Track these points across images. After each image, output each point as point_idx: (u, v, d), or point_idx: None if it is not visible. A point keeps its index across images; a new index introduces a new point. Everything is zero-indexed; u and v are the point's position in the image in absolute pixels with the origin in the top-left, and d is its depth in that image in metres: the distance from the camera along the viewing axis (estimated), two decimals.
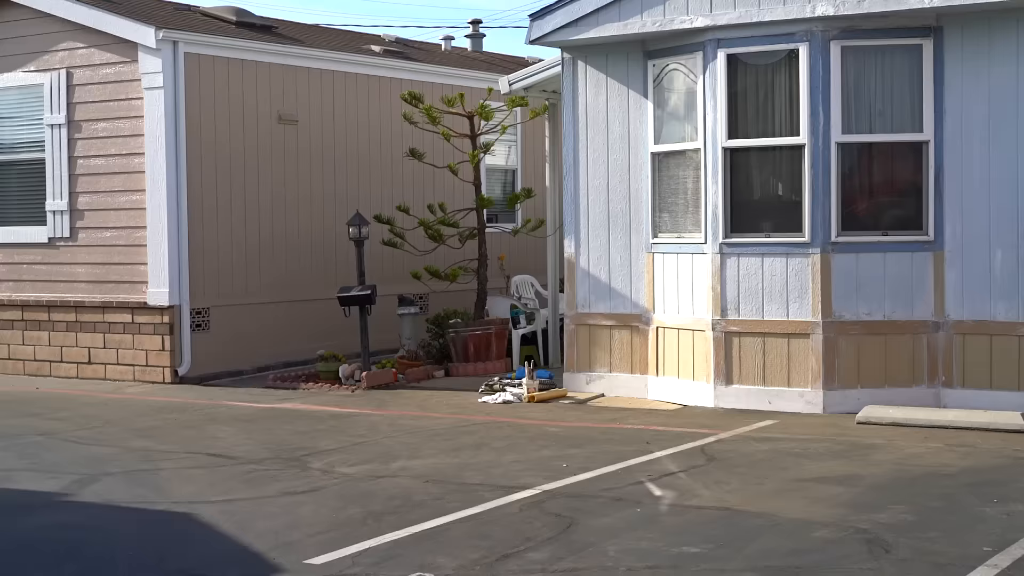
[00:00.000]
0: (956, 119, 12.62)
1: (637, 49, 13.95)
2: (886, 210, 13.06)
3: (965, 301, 12.66)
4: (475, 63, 22.48)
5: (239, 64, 16.94)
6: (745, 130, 13.12)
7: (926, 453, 10.79)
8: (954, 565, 7.38)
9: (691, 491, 9.50)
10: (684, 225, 13.62)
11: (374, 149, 18.87)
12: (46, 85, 17.10)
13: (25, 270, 17.46)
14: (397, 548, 8.03)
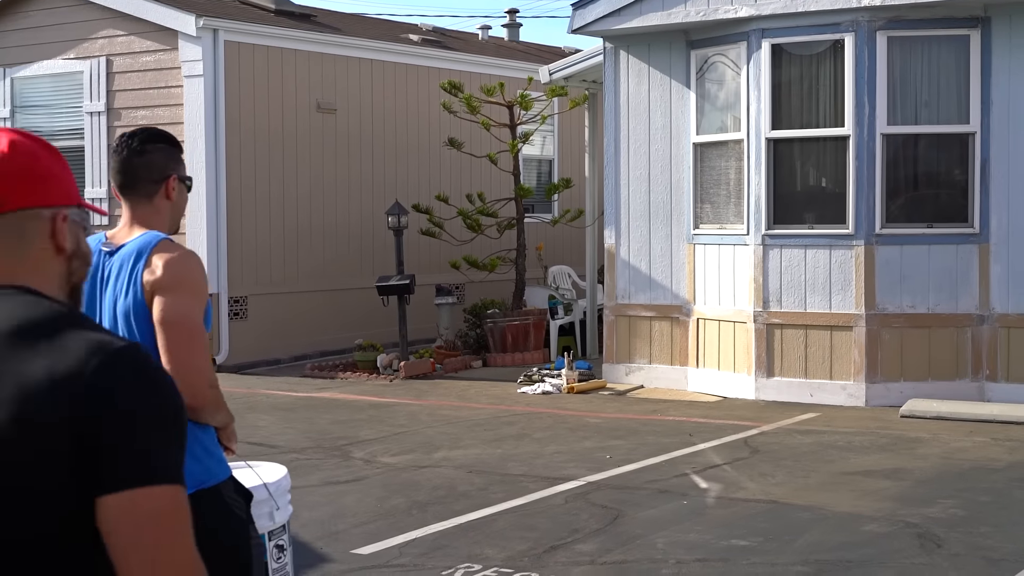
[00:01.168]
0: (1003, 110, 12.51)
1: (680, 39, 13.88)
2: (931, 202, 12.96)
3: (1010, 294, 12.55)
4: (512, 52, 22.42)
5: (278, 52, 16.93)
6: (789, 121, 13.04)
7: (972, 447, 10.71)
8: (1007, 560, 7.31)
9: (737, 483, 9.45)
10: (726, 216, 13.54)
11: (412, 138, 18.84)
12: (86, 72, 17.12)
13: None
14: (443, 539, 8.00)
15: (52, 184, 2.27)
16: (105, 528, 2.02)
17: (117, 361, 2.07)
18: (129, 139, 4.13)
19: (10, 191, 2.21)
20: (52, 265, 2.26)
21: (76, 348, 2.06)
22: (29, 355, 2.07)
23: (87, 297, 3.96)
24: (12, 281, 2.19)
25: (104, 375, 2.04)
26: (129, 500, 2.01)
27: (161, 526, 2.03)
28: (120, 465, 2.02)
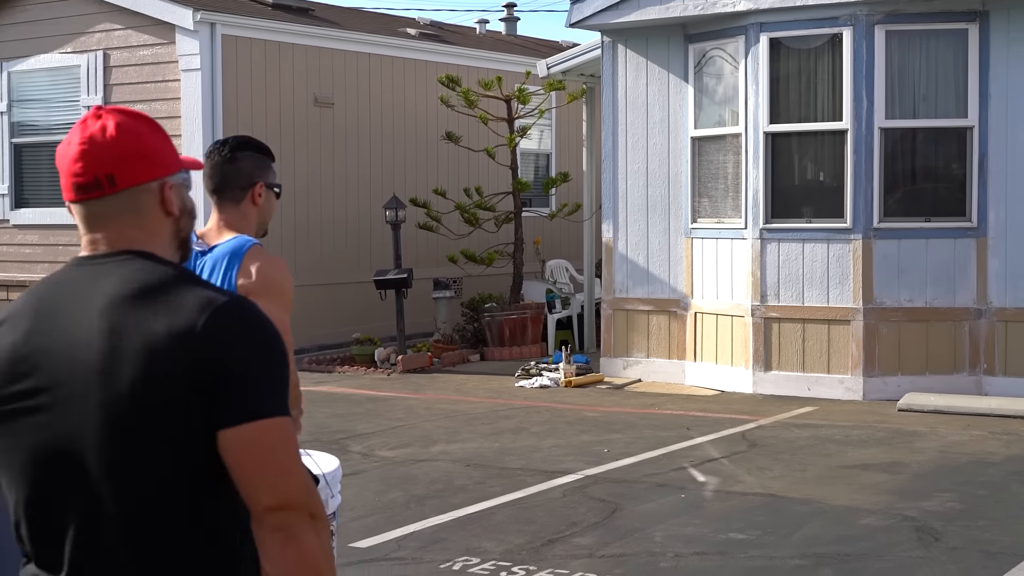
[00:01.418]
0: (1001, 104, 12.51)
1: (678, 33, 13.87)
2: (929, 196, 12.96)
3: (1008, 288, 12.56)
4: (510, 47, 22.41)
5: (276, 46, 16.92)
6: (787, 115, 13.03)
7: (969, 441, 10.72)
8: (1005, 554, 7.32)
9: (734, 477, 9.45)
10: (724, 210, 13.54)
11: (410, 132, 18.82)
12: (83, 66, 17.10)
13: (61, 251, 17.47)
14: (441, 532, 8.01)
15: (156, 159, 2.54)
16: (227, 458, 2.35)
17: (224, 314, 2.38)
18: (221, 146, 4.47)
19: (122, 171, 2.50)
20: (163, 227, 2.56)
21: (188, 305, 2.37)
22: (149, 314, 2.37)
23: None
24: (131, 247, 2.50)
25: (214, 328, 2.36)
26: (245, 433, 2.34)
27: (274, 452, 2.36)
28: (235, 404, 2.34)
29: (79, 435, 2.38)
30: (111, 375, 2.36)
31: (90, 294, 2.44)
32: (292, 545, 2.38)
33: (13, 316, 2.50)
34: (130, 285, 2.42)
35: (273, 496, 2.37)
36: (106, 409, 2.36)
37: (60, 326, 2.43)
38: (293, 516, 2.39)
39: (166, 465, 2.36)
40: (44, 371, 2.42)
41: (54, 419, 2.39)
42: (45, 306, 2.48)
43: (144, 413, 2.34)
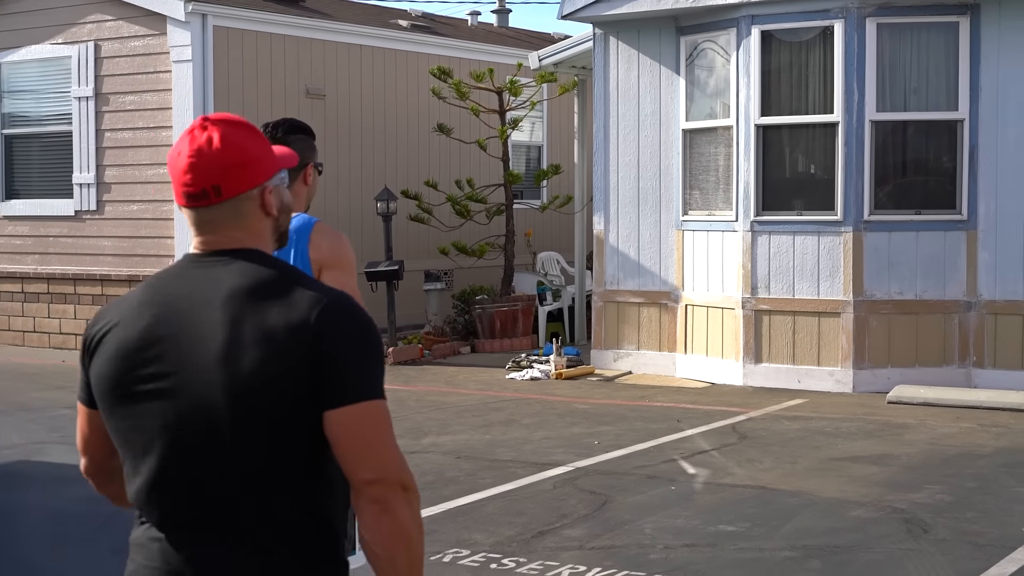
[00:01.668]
0: (992, 97, 12.53)
1: (670, 25, 13.87)
2: (919, 189, 12.98)
3: (997, 281, 12.58)
4: (501, 38, 22.40)
5: (267, 37, 16.90)
6: (778, 107, 13.04)
7: (959, 433, 10.75)
8: (994, 546, 7.34)
9: (724, 469, 9.47)
10: (715, 202, 13.56)
11: (401, 124, 18.82)
12: (74, 57, 17.07)
13: (51, 243, 17.47)
14: (432, 524, 8.01)
15: (258, 167, 2.81)
16: (332, 435, 2.65)
17: (332, 311, 2.69)
18: (274, 129, 4.67)
19: (227, 182, 2.76)
20: (264, 226, 2.85)
21: (301, 302, 2.68)
22: (265, 308, 2.68)
23: None
24: (239, 246, 2.80)
25: (323, 323, 2.66)
26: (348, 414, 2.64)
27: (373, 430, 2.65)
28: (339, 389, 2.64)
29: (202, 414, 2.68)
30: (233, 361, 2.66)
31: (209, 289, 2.74)
32: (387, 516, 2.67)
33: (138, 306, 2.79)
34: (246, 281, 2.73)
35: (371, 470, 2.66)
36: (228, 391, 2.66)
37: (183, 317, 2.73)
38: (388, 489, 2.66)
39: (278, 440, 2.67)
40: (170, 357, 2.72)
41: (179, 400, 2.70)
42: (166, 298, 2.78)
43: (261, 395, 2.65)
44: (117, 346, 2.77)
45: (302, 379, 2.65)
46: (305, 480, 2.72)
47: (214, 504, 2.71)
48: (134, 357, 2.75)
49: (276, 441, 2.67)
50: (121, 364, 2.76)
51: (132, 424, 2.76)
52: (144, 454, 2.75)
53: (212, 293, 2.73)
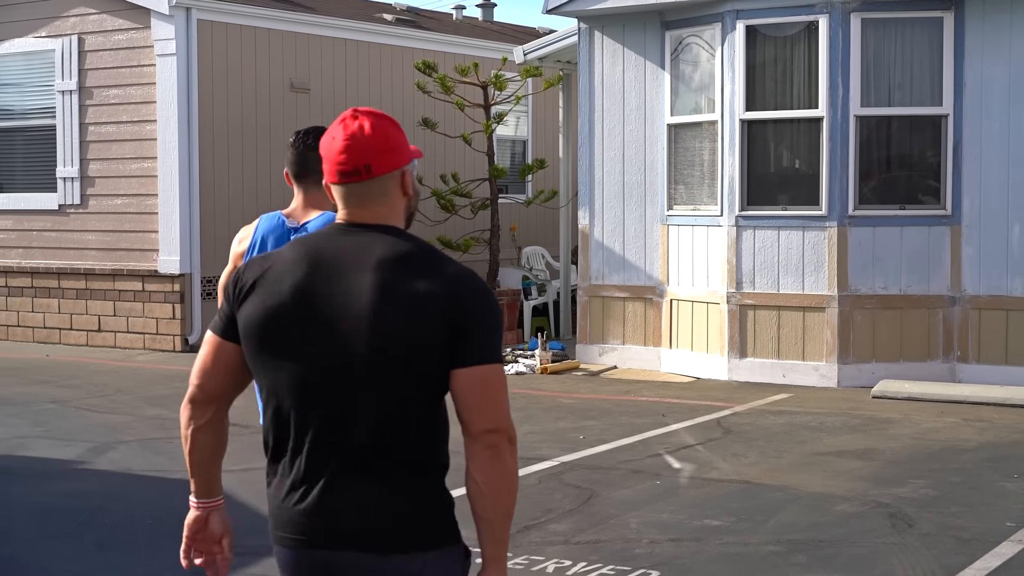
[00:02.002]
0: (976, 93, 12.55)
1: (655, 20, 13.87)
2: (904, 184, 13.01)
3: (982, 276, 12.61)
4: (486, 33, 22.38)
5: (252, 31, 16.87)
6: (763, 102, 13.05)
7: (943, 428, 10.77)
8: (978, 540, 7.36)
9: (710, 464, 9.48)
10: (700, 197, 13.56)
11: None
12: (57, 51, 17.01)
13: (35, 237, 17.41)
14: None
15: (399, 152, 3.30)
16: (458, 389, 3.16)
17: (465, 285, 3.19)
18: (305, 136, 5.07)
19: (376, 162, 3.25)
20: (401, 205, 3.34)
21: (440, 275, 3.17)
22: (409, 277, 3.16)
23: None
24: (381, 222, 3.28)
25: (458, 295, 3.15)
26: (474, 373, 3.15)
27: (493, 389, 3.17)
28: (469, 351, 3.14)
29: (347, 362, 3.16)
30: (378, 319, 3.13)
31: (358, 254, 3.21)
32: (498, 460, 3.18)
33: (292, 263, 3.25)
34: (391, 251, 3.20)
35: (489, 422, 3.16)
36: (372, 345, 3.13)
37: (335, 276, 3.20)
38: (501, 439, 3.18)
39: (409, 389, 3.16)
40: (321, 309, 3.18)
41: (326, 348, 3.17)
42: (319, 258, 3.23)
43: (400, 351, 3.13)
44: (271, 295, 3.24)
45: (436, 341, 3.13)
46: (425, 423, 3.22)
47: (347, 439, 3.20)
48: (288, 307, 3.21)
49: (407, 390, 3.16)
50: (275, 311, 3.22)
51: (278, 365, 3.24)
52: (287, 393, 3.24)
53: (361, 258, 3.21)
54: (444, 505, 3.27)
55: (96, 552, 7.53)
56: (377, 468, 3.20)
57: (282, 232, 5.05)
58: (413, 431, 3.21)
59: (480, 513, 3.22)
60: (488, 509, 3.21)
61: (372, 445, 3.19)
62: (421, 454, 3.23)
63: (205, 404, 3.49)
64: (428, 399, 3.20)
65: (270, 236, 5.12)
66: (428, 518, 3.24)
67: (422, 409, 3.20)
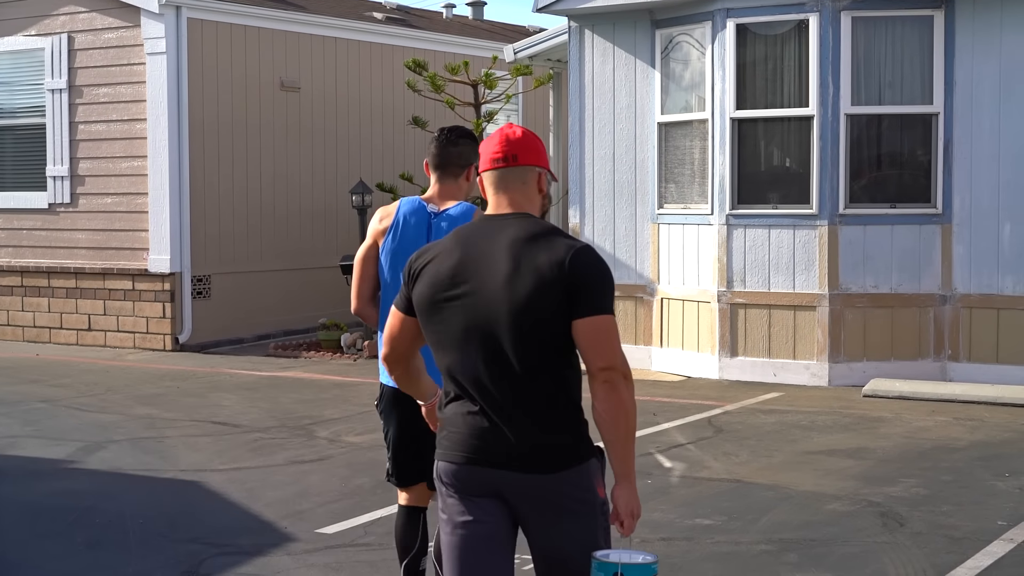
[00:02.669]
0: (966, 91, 12.56)
1: (645, 18, 13.86)
2: (894, 182, 13.00)
3: (972, 274, 12.62)
4: (477, 31, 22.38)
5: (242, 30, 16.84)
6: (753, 101, 13.05)
7: (934, 427, 10.78)
8: (969, 539, 7.37)
9: (701, 463, 9.47)
10: (690, 196, 13.56)
11: (376, 117, 18.78)
12: (47, 49, 16.97)
13: (25, 236, 17.37)
14: None
15: (539, 155, 4.25)
16: (579, 336, 3.96)
17: (581, 254, 3.99)
18: (449, 133, 5.74)
19: (521, 154, 4.20)
20: (536, 199, 4.24)
21: (560, 247, 4.00)
22: (537, 250, 4.01)
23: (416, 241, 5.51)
24: (520, 209, 4.18)
25: (574, 258, 3.97)
26: (591, 322, 3.95)
27: (607, 334, 3.96)
28: (585, 304, 3.94)
29: (492, 319, 4.00)
30: (514, 285, 3.98)
31: (499, 235, 4.09)
32: (615, 392, 3.97)
33: (450, 247, 4.14)
34: (523, 232, 4.07)
35: (605, 361, 3.95)
36: (510, 305, 3.98)
37: (481, 254, 4.08)
38: (616, 375, 3.97)
39: (544, 337, 3.98)
40: (473, 280, 4.05)
41: (477, 309, 4.03)
42: (469, 241, 4.13)
43: (533, 308, 3.96)
44: (435, 273, 4.13)
45: (560, 299, 3.95)
46: (560, 367, 4.02)
47: (499, 383, 4.01)
48: (446, 281, 4.10)
49: (541, 339, 3.97)
50: (438, 285, 4.11)
51: (442, 327, 4.11)
52: (450, 348, 4.10)
53: (501, 238, 4.08)
54: (577, 429, 4.06)
55: (86, 551, 7.51)
56: (524, 407, 4.01)
57: (423, 215, 5.64)
58: (551, 375, 4.02)
59: (606, 437, 4.00)
60: (611, 433, 3.99)
61: (516, 387, 4.01)
62: (558, 391, 4.03)
63: (395, 362, 4.42)
64: (559, 348, 4.01)
65: (412, 217, 5.66)
66: (566, 442, 4.03)
67: (554, 355, 4.01)
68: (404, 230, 5.63)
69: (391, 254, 5.63)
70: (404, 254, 5.42)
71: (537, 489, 4.02)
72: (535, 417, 4.00)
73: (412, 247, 5.35)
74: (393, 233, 5.64)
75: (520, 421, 4.01)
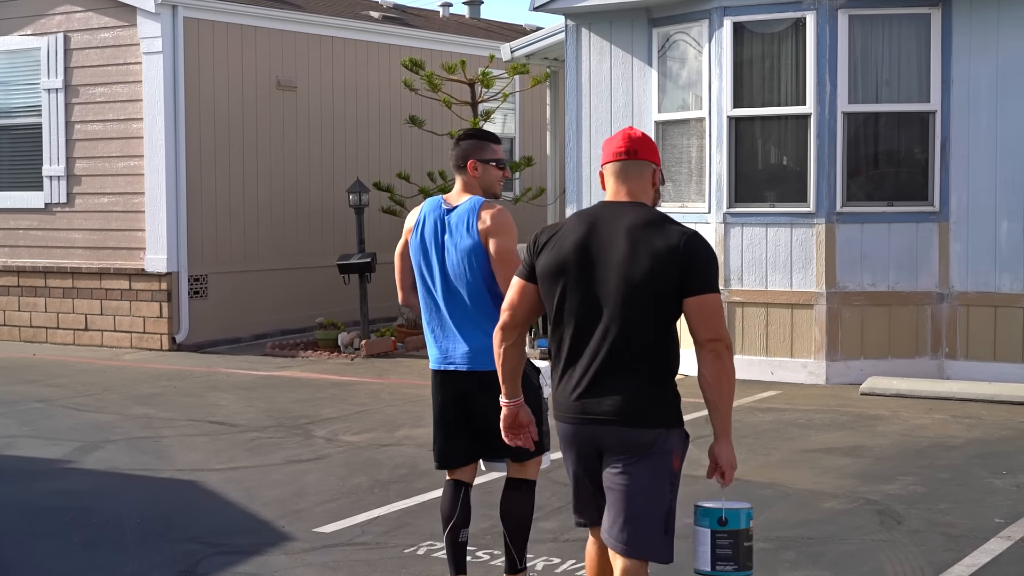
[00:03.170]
0: (963, 89, 12.55)
1: (642, 17, 13.86)
2: (891, 180, 13.00)
3: (970, 272, 12.62)
4: (473, 30, 22.37)
5: (238, 29, 16.83)
6: (751, 99, 13.04)
7: (931, 424, 10.77)
8: (967, 537, 7.36)
9: (698, 461, 9.38)
10: (688, 194, 13.55)
11: (373, 116, 18.77)
12: (43, 49, 16.96)
13: (21, 235, 17.36)
14: (406, 517, 8.00)
15: (655, 154, 4.90)
16: (689, 311, 4.65)
17: (692, 239, 4.67)
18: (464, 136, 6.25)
19: (641, 150, 4.87)
20: (649, 192, 4.88)
21: (674, 233, 4.67)
22: (653, 235, 4.67)
23: (432, 235, 6.07)
24: (636, 199, 4.83)
25: (687, 244, 4.65)
26: (700, 299, 4.64)
27: (714, 310, 4.67)
28: (695, 284, 4.63)
29: (608, 293, 4.71)
30: (631, 264, 4.67)
31: (618, 220, 4.76)
32: (719, 360, 4.69)
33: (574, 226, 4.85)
34: (641, 218, 4.74)
35: (711, 333, 4.67)
36: (626, 281, 4.68)
37: (601, 234, 4.77)
38: (721, 345, 4.69)
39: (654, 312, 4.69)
40: (592, 256, 4.75)
41: (595, 284, 4.74)
42: (591, 222, 4.81)
43: (648, 285, 4.66)
44: (559, 248, 4.82)
45: (672, 278, 4.65)
46: (665, 340, 4.74)
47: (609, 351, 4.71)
48: (568, 255, 4.79)
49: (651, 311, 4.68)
50: (560, 258, 4.80)
51: (563, 298, 4.81)
52: (566, 316, 4.81)
53: (620, 223, 4.76)
54: (673, 398, 4.80)
55: (83, 551, 7.50)
56: (627, 370, 4.70)
57: (439, 212, 6.10)
58: (654, 344, 4.71)
59: (709, 399, 4.74)
60: (715, 395, 4.73)
61: (624, 353, 4.70)
62: (659, 360, 4.73)
63: (513, 328, 5.03)
64: (664, 321, 4.71)
65: (431, 214, 6.15)
66: (661, 407, 4.76)
67: (660, 329, 4.71)
68: (424, 226, 6.15)
69: (415, 249, 6.19)
70: (424, 248, 6.10)
71: (627, 441, 4.75)
72: (638, 382, 4.72)
73: (432, 240, 6.08)
74: (416, 230, 6.18)
75: (625, 385, 4.71)
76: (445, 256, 6.05)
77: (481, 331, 5.96)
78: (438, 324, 6.14)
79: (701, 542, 4.93)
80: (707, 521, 4.93)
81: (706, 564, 4.91)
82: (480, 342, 5.96)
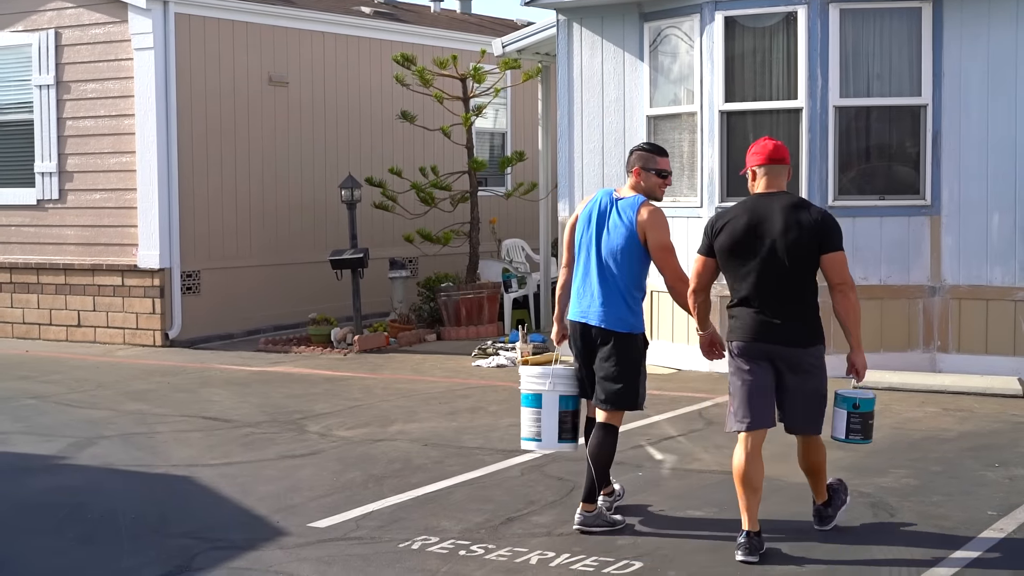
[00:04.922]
0: (954, 83, 12.57)
1: (633, 11, 13.86)
2: (883, 174, 13.02)
3: (961, 266, 12.64)
4: (465, 25, 22.37)
5: (229, 25, 16.82)
6: (742, 93, 13.05)
7: (924, 417, 10.80)
8: (960, 529, 7.39)
9: (691, 455, 9.49)
10: (680, 189, 13.55)
11: (365, 111, 18.77)
12: (34, 45, 16.94)
13: (13, 232, 17.35)
14: (400, 511, 8.01)
15: (789, 158, 7.09)
16: (825, 266, 6.91)
17: (825, 214, 6.98)
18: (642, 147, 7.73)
19: (785, 157, 7.08)
20: (785, 183, 7.08)
21: (814, 212, 6.97)
22: (799, 213, 6.92)
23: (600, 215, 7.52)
24: (781, 190, 7.05)
25: (822, 220, 6.93)
26: (833, 256, 6.92)
27: (842, 263, 6.94)
28: (828, 244, 6.89)
29: (772, 256, 6.87)
30: (788, 235, 6.84)
31: (773, 204, 6.93)
32: (847, 298, 6.93)
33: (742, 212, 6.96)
34: (789, 203, 6.94)
35: (840, 278, 6.90)
36: (786, 247, 6.84)
37: (764, 216, 6.90)
38: (847, 287, 6.92)
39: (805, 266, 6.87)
40: (759, 233, 6.88)
41: (763, 253, 6.88)
42: (755, 208, 6.95)
43: (801, 248, 6.84)
44: (733, 228, 6.93)
45: (814, 243, 6.83)
46: (810, 283, 6.93)
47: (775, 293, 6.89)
48: (741, 233, 6.91)
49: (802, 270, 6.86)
50: (735, 236, 6.92)
51: (738, 262, 6.95)
52: (744, 279, 6.95)
53: (775, 206, 6.91)
54: (818, 324, 6.99)
55: (78, 547, 7.51)
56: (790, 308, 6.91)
57: (611, 199, 7.56)
58: (804, 289, 6.92)
59: (842, 323, 6.97)
60: (846, 321, 6.96)
61: (787, 298, 6.91)
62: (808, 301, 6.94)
63: (701, 290, 7.20)
64: (811, 272, 6.91)
65: (604, 198, 7.60)
66: (811, 331, 6.99)
67: (809, 279, 6.92)
68: (597, 205, 7.62)
69: (584, 221, 7.63)
70: (591, 222, 7.56)
71: (794, 357, 6.95)
72: (795, 313, 6.91)
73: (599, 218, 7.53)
74: (590, 206, 7.66)
75: (787, 315, 6.90)
76: (604, 233, 7.50)
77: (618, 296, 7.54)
78: (583, 284, 7.61)
79: (839, 419, 7.23)
80: (845, 405, 7.22)
81: (841, 433, 7.25)
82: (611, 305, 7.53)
